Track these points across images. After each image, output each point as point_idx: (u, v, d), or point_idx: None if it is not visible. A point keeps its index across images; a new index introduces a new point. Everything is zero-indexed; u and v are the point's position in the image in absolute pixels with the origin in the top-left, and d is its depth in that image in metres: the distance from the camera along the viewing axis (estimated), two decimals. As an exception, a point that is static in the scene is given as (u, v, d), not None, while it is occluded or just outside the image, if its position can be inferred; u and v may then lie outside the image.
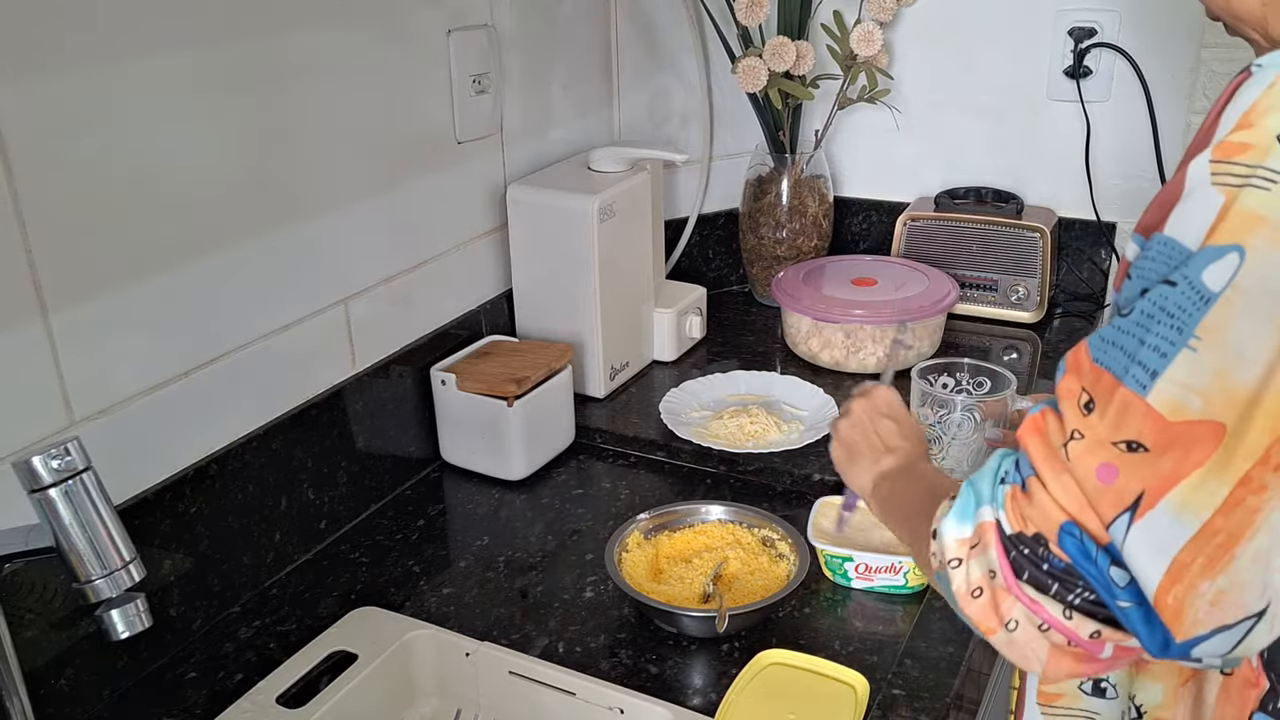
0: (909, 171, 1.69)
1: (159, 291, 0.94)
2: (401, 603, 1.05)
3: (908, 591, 1.03)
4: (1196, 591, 0.56)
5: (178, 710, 0.92)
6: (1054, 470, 0.61)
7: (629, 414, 1.38)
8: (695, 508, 1.11)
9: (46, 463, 0.64)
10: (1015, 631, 0.63)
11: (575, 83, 1.51)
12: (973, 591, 0.64)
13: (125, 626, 0.69)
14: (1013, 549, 0.62)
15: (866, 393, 0.94)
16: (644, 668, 0.95)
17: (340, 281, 1.14)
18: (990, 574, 0.63)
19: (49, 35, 0.82)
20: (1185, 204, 0.58)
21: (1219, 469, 0.55)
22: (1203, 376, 0.55)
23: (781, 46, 1.50)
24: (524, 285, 1.39)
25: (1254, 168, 0.55)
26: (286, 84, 1.04)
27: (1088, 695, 0.81)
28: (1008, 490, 0.64)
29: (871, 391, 0.94)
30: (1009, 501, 0.63)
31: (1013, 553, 0.62)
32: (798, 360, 1.50)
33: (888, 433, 0.90)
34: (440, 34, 1.24)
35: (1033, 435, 0.62)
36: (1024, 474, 0.63)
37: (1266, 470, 0.55)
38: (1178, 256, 0.57)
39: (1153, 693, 0.75)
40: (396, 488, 1.25)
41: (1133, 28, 1.49)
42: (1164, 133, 1.50)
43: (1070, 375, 0.62)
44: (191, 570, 1.00)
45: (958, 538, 0.65)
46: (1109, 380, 0.59)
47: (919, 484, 0.81)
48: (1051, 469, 0.61)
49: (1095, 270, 1.61)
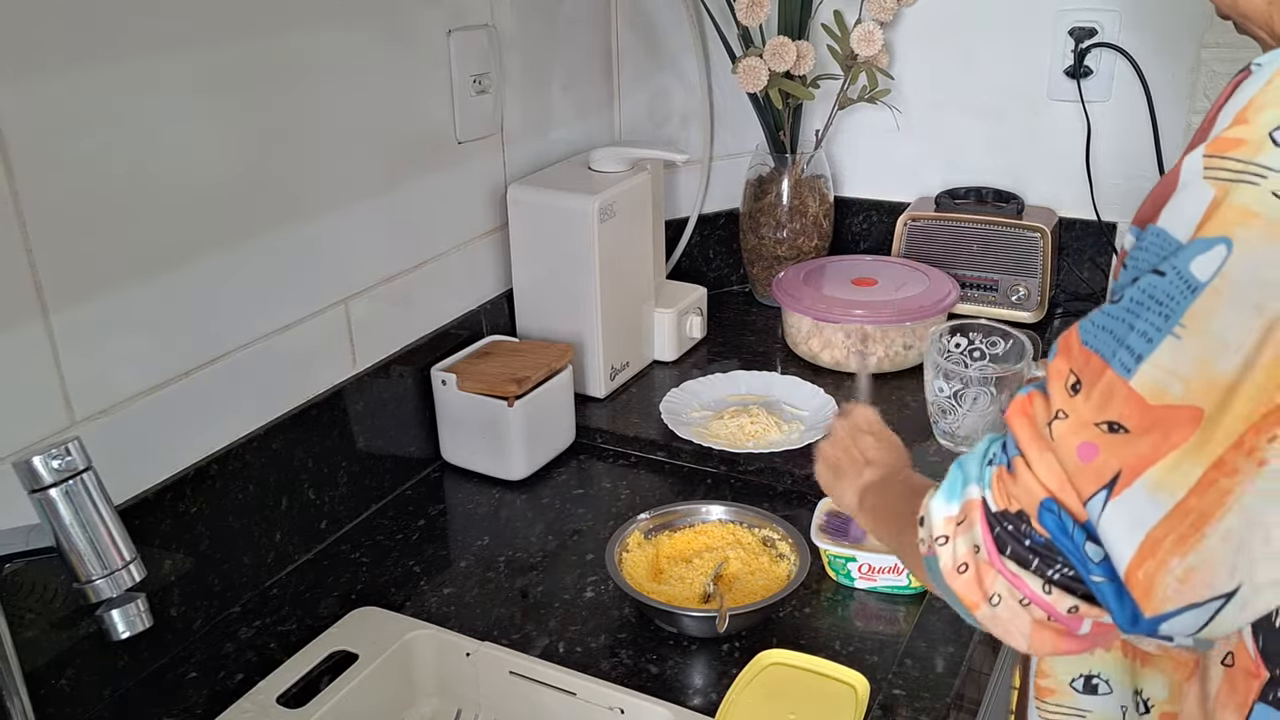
0: (909, 171, 1.69)
1: (159, 291, 0.94)
2: (402, 603, 1.05)
3: (910, 592, 1.03)
4: (1166, 568, 0.57)
5: (178, 710, 0.92)
6: (1039, 449, 0.62)
7: (629, 414, 1.38)
8: (696, 508, 1.11)
9: (47, 463, 0.64)
10: (998, 606, 0.65)
11: (576, 83, 1.51)
12: (958, 567, 0.66)
13: (126, 626, 0.69)
14: (996, 525, 0.64)
15: (846, 413, 0.98)
16: (644, 668, 0.95)
17: (341, 281, 1.14)
18: (975, 549, 0.65)
19: (49, 35, 0.82)
20: (1178, 197, 0.59)
21: (1195, 451, 0.56)
22: (1185, 363, 0.56)
23: (782, 46, 1.50)
24: (524, 285, 1.39)
25: (1246, 163, 0.56)
26: (287, 84, 1.04)
27: (1079, 693, 0.82)
28: (994, 470, 0.65)
29: (850, 411, 0.97)
30: (995, 481, 0.65)
31: (996, 529, 0.64)
32: (798, 360, 1.50)
33: (867, 447, 0.93)
34: (440, 34, 1.24)
35: (1019, 417, 0.64)
36: (1010, 454, 0.65)
37: (1240, 454, 0.56)
38: (1168, 248, 0.58)
39: (1158, 686, 0.75)
40: (397, 488, 1.25)
41: (1133, 28, 1.49)
42: (1164, 133, 1.50)
43: (1060, 356, 0.63)
44: (192, 570, 1.00)
45: (945, 515, 0.68)
46: (1097, 363, 0.60)
47: (900, 488, 0.84)
48: (1036, 448, 0.62)
49: (1096, 270, 1.61)
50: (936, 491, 0.69)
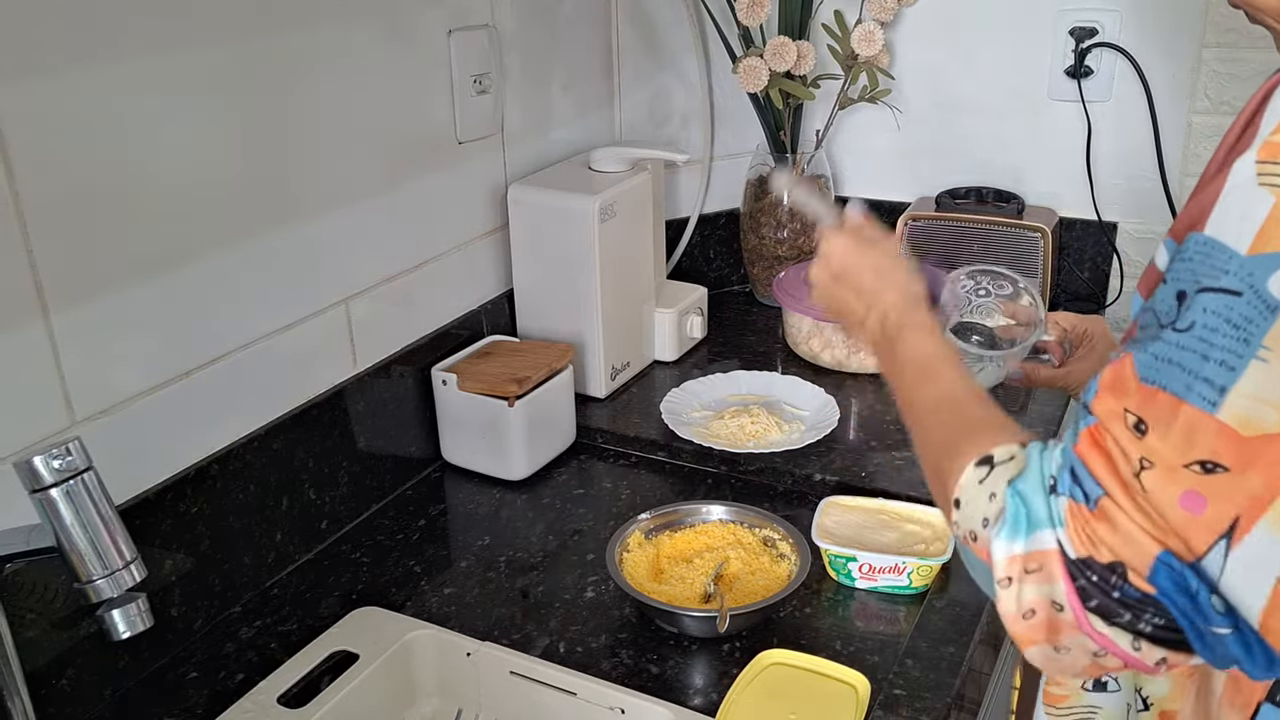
0: (910, 171, 1.69)
1: (160, 291, 0.94)
2: (403, 603, 1.05)
3: (911, 592, 1.03)
4: None
5: (179, 710, 0.92)
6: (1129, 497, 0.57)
7: (630, 414, 1.38)
8: (696, 508, 1.11)
9: (48, 463, 0.64)
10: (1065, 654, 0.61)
11: (576, 83, 1.51)
12: (1024, 614, 0.61)
13: (126, 626, 0.69)
14: (1079, 575, 0.58)
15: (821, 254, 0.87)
16: (645, 668, 0.95)
17: (341, 281, 1.14)
18: (1055, 605, 0.59)
19: (49, 35, 0.82)
20: (1227, 205, 0.56)
21: None
22: (1276, 389, 0.53)
23: (782, 46, 1.50)
24: (525, 285, 1.39)
25: None
26: (287, 84, 1.04)
27: (1089, 692, 0.81)
28: (1065, 504, 0.59)
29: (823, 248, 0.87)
30: (1070, 519, 0.59)
31: (1080, 580, 0.58)
32: (799, 360, 1.50)
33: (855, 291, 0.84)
34: (441, 34, 1.24)
35: (1094, 451, 0.58)
36: (1089, 491, 0.58)
37: None
38: (1222, 258, 0.55)
39: (1159, 684, 0.74)
40: (397, 488, 1.25)
41: (1134, 27, 1.49)
42: (1165, 132, 1.50)
43: (1108, 395, 0.58)
44: (192, 570, 1.00)
45: (1008, 555, 0.61)
46: (1166, 400, 0.56)
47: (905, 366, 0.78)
48: (1126, 495, 0.57)
49: (1096, 270, 1.61)
50: (1000, 526, 0.62)
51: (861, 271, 0.85)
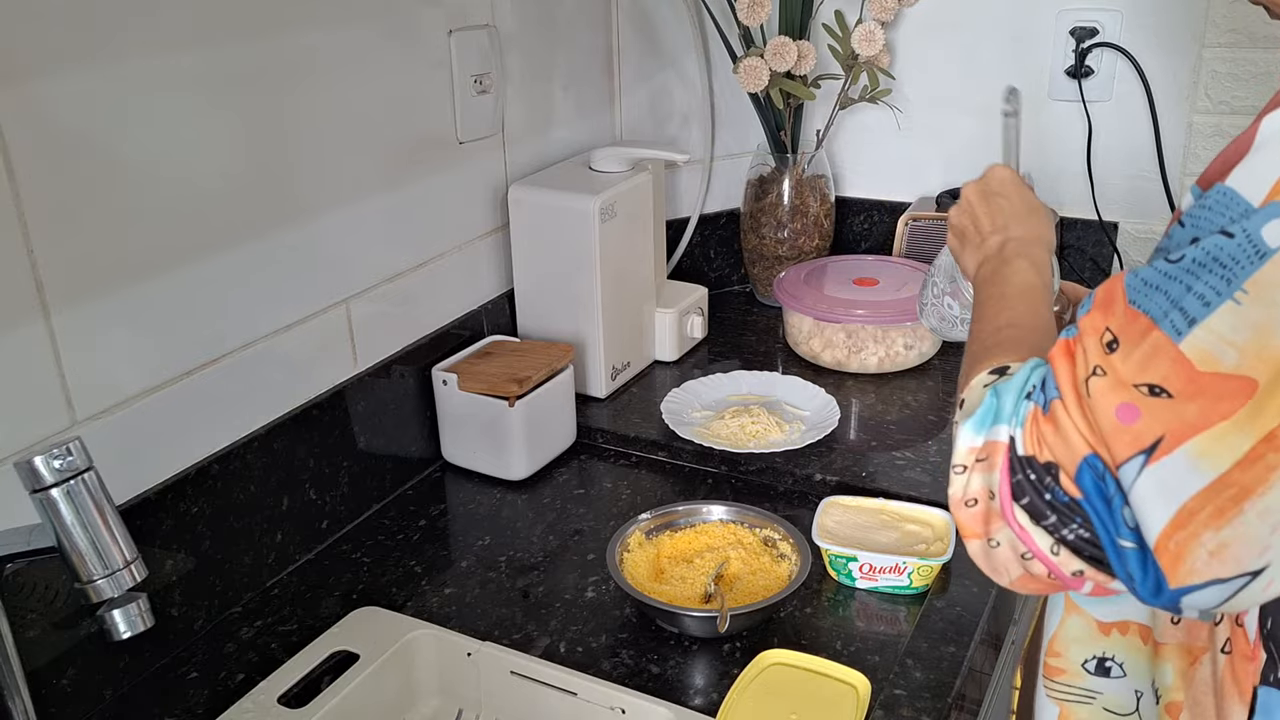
0: (910, 171, 1.69)
1: (160, 291, 0.94)
2: (403, 603, 1.05)
3: (911, 592, 1.03)
4: (1199, 540, 0.56)
5: (179, 710, 0.92)
6: (1076, 400, 0.60)
7: (630, 414, 1.38)
8: (697, 508, 1.11)
9: (48, 462, 0.64)
10: (996, 549, 0.64)
11: (576, 83, 1.51)
12: (967, 501, 0.65)
13: (127, 626, 0.69)
14: (1018, 471, 0.62)
15: (983, 175, 0.95)
16: (645, 668, 0.95)
17: (342, 281, 1.14)
18: (990, 494, 0.64)
19: (49, 35, 0.82)
20: (1252, 158, 0.57)
21: (1245, 423, 0.54)
22: (1243, 331, 0.54)
23: (783, 46, 1.50)
24: (525, 285, 1.39)
25: None
26: (287, 84, 1.04)
27: (1091, 674, 0.81)
28: (1030, 409, 0.63)
29: (987, 172, 0.95)
30: (1029, 421, 0.62)
31: (1018, 475, 0.62)
32: (799, 360, 1.50)
33: (997, 211, 0.90)
34: (441, 34, 1.24)
35: (1064, 359, 0.62)
36: (1049, 395, 0.62)
37: None
38: (1236, 209, 0.57)
39: (1166, 674, 0.75)
40: (398, 488, 1.25)
41: (1134, 27, 1.49)
42: (1165, 132, 1.50)
43: (1098, 312, 0.61)
44: (193, 570, 1.00)
45: (969, 445, 0.66)
46: (1144, 322, 0.58)
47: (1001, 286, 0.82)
48: (1074, 399, 0.60)
49: (1097, 270, 1.61)
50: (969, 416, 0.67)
51: (1011, 200, 0.91)
